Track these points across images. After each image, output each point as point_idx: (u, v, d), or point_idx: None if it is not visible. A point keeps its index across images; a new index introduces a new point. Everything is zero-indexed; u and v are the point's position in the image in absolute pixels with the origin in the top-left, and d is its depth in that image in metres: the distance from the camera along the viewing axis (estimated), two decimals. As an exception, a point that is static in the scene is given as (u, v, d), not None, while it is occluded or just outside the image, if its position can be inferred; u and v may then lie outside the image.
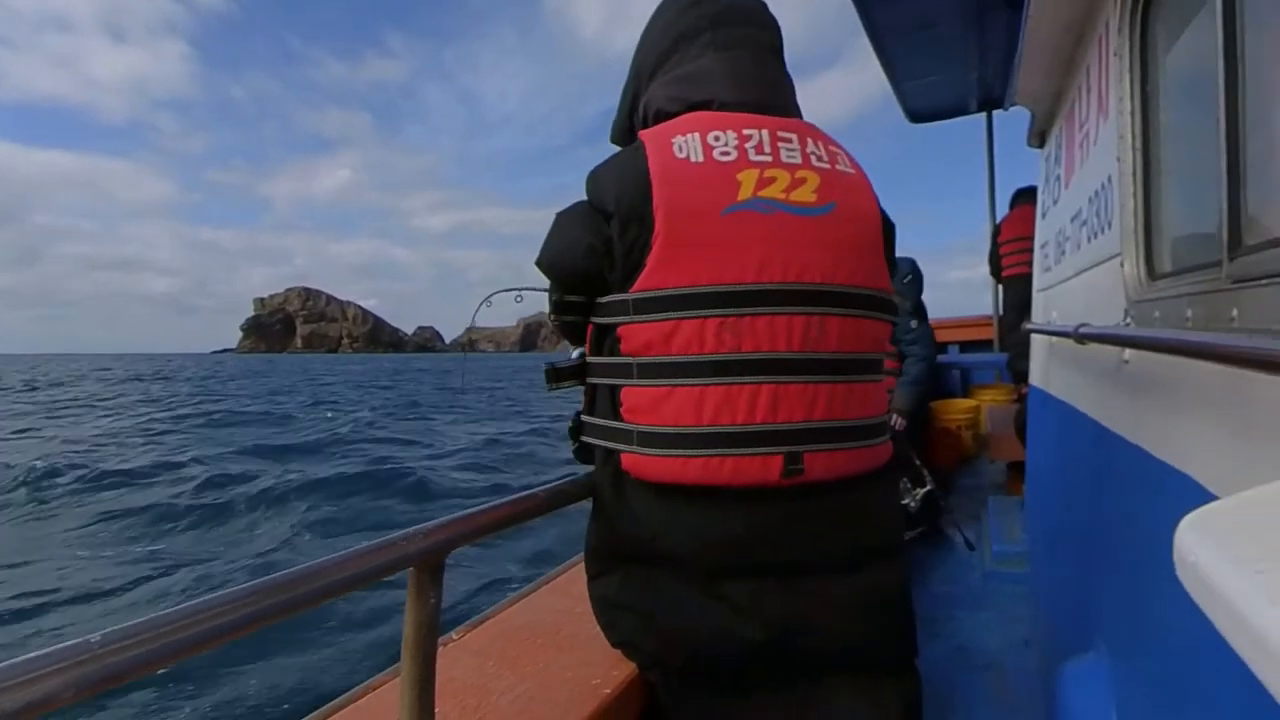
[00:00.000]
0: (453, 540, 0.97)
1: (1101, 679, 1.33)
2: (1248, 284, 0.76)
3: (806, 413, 1.10)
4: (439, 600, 0.95)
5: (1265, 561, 0.43)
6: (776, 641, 1.10)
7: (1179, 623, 0.87)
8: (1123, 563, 1.25)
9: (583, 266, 1.15)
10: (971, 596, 3.23)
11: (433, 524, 0.97)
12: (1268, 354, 0.55)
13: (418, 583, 0.93)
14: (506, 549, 7.08)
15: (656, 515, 1.12)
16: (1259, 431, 0.72)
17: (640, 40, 1.33)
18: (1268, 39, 0.80)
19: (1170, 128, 1.26)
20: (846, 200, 1.17)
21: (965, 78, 5.37)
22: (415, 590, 0.93)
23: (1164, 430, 1.05)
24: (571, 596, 1.58)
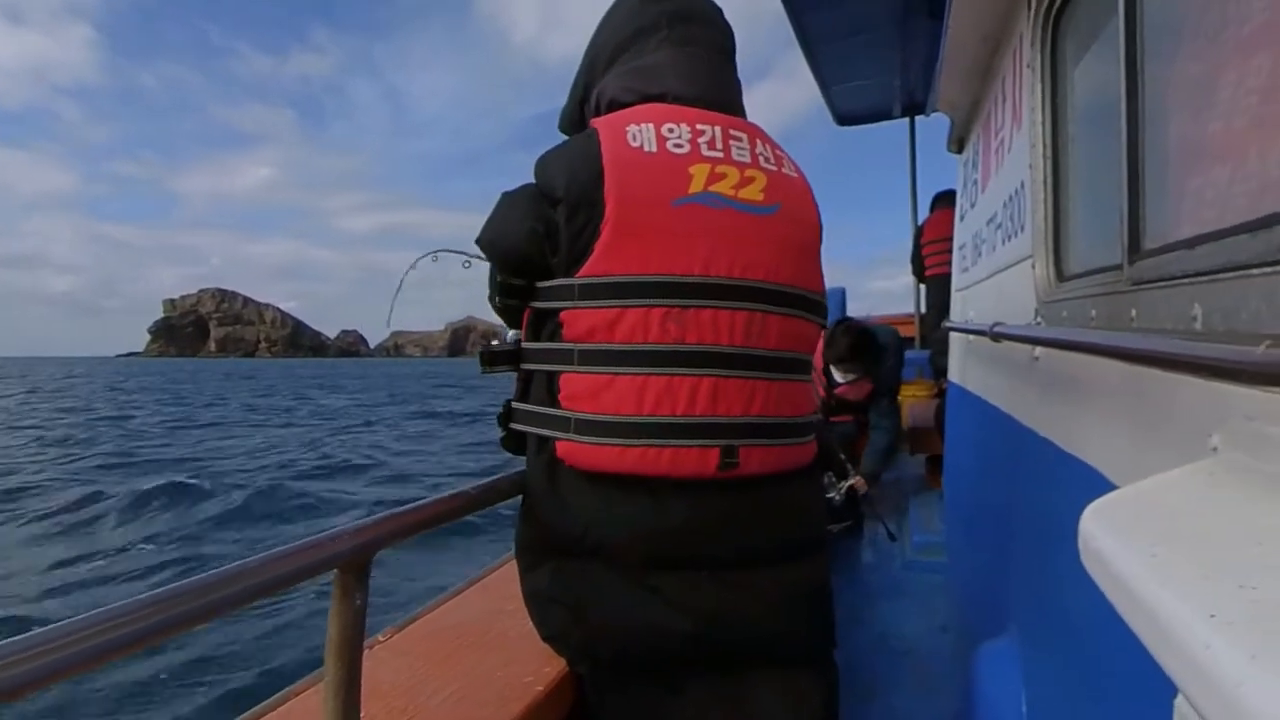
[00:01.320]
0: (379, 540, 0.95)
1: (1013, 661, 1.39)
2: (1145, 286, 0.81)
3: (744, 407, 1.12)
4: (365, 602, 0.93)
5: (1158, 546, 0.46)
6: (706, 633, 1.12)
7: (1083, 605, 0.92)
8: (1033, 550, 1.32)
9: (523, 249, 1.14)
10: (893, 586, 3.34)
11: (358, 524, 0.94)
12: (1162, 352, 0.58)
13: (343, 584, 0.91)
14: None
15: (590, 505, 1.12)
16: (1154, 425, 0.77)
17: (596, 32, 1.33)
18: (1166, 57, 0.85)
19: (1078, 138, 1.33)
20: (790, 203, 1.20)
21: (890, 83, 5.54)
22: (340, 592, 0.91)
23: (1070, 424, 1.11)
24: (503, 595, 1.56)
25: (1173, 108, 0.82)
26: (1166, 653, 0.39)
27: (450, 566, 6.51)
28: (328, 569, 0.88)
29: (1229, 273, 0.60)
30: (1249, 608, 0.36)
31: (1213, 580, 0.40)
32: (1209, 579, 0.40)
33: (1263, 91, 0.61)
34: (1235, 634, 0.35)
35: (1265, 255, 0.54)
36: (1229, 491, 0.52)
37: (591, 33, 1.35)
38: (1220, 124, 0.68)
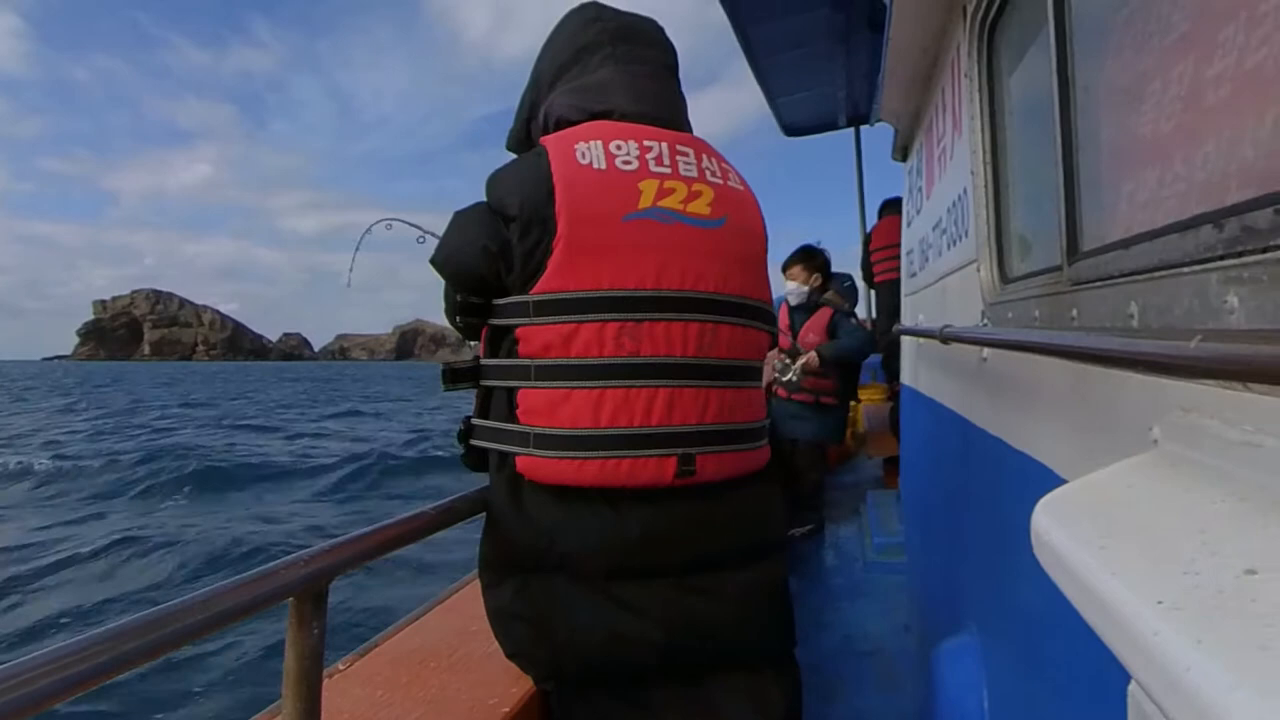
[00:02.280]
0: (335, 566, 0.93)
1: (973, 656, 1.42)
2: (1084, 286, 0.83)
3: (699, 416, 1.14)
4: (323, 630, 0.91)
5: (1107, 538, 0.48)
6: (672, 640, 1.13)
7: (1038, 598, 0.94)
8: (988, 547, 1.34)
9: (478, 267, 1.15)
10: (855, 587, 3.38)
11: (313, 550, 0.92)
12: (1102, 350, 0.60)
13: (299, 613, 0.89)
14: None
15: (553, 519, 1.12)
16: (1097, 419, 0.79)
17: (541, 51, 1.35)
18: (1095, 65, 0.88)
19: (1016, 144, 1.37)
20: (737, 215, 1.23)
21: (834, 94, 5.66)
22: (296, 621, 0.89)
23: (1019, 422, 1.14)
24: (466, 615, 1.54)
25: (1103, 113, 0.86)
26: (1118, 641, 0.40)
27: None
28: (282, 599, 0.86)
29: (1162, 271, 0.62)
30: (1193, 593, 0.37)
31: (1159, 569, 0.41)
32: (1155, 568, 0.41)
33: (1186, 97, 0.64)
34: (1182, 620, 0.36)
35: (1194, 254, 0.56)
36: (1170, 482, 0.53)
37: (540, 46, 1.36)
38: (1149, 129, 0.71)
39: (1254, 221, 0.48)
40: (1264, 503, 0.42)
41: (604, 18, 1.30)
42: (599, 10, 1.32)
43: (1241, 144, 0.54)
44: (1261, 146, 0.52)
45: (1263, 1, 0.51)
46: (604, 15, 1.30)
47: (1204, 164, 0.60)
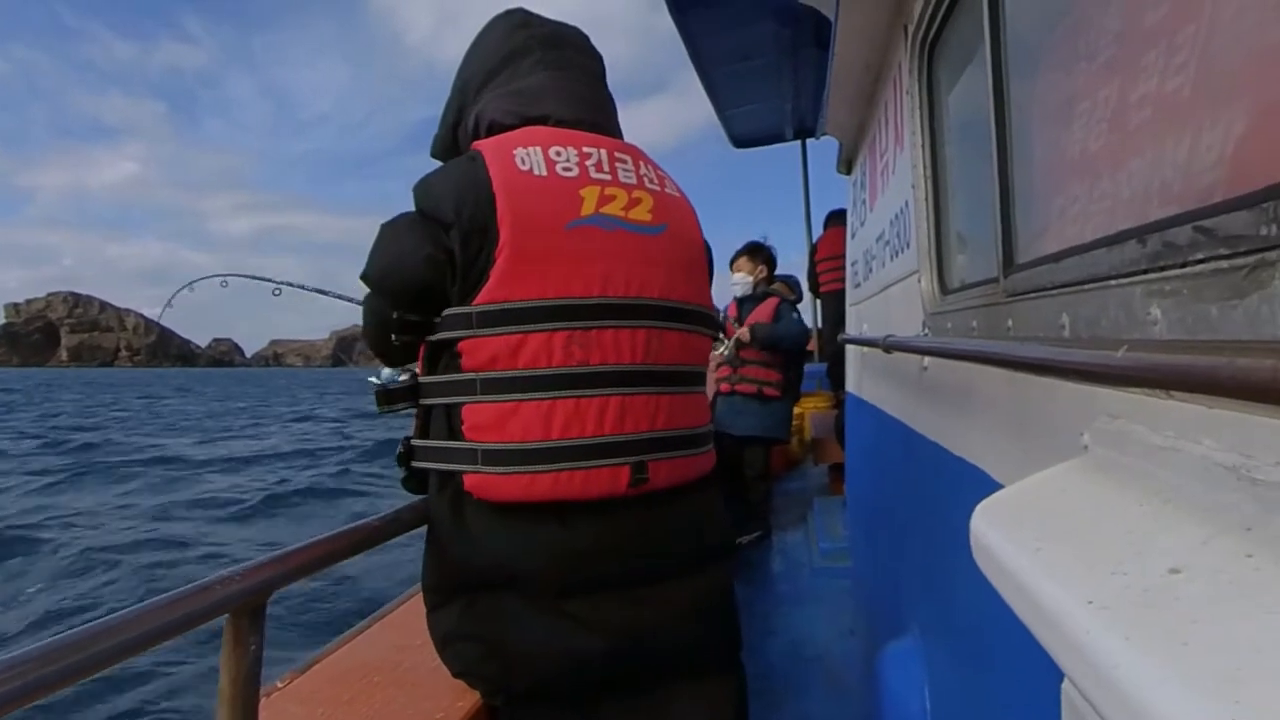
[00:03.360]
0: (274, 580, 0.90)
1: (916, 658, 1.45)
2: (1019, 298, 0.87)
3: (650, 423, 1.14)
4: (261, 647, 0.88)
5: (1041, 540, 0.49)
6: (624, 651, 1.12)
7: (977, 600, 0.97)
8: (929, 551, 1.38)
9: (423, 278, 1.11)
10: (802, 593, 3.43)
11: (251, 564, 0.89)
12: (1035, 359, 0.63)
13: (235, 629, 0.86)
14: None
15: (500, 537, 1.10)
16: (1032, 426, 0.82)
17: (466, 57, 1.32)
18: (1029, 85, 0.92)
19: (955, 159, 1.42)
20: (676, 222, 1.23)
21: (782, 108, 5.76)
22: (232, 638, 0.86)
23: (958, 429, 1.18)
24: (409, 630, 1.51)
25: (1037, 131, 0.89)
26: (1052, 640, 0.41)
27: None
28: (218, 614, 0.83)
29: (1091, 284, 0.65)
30: (1122, 593, 0.39)
31: (1090, 570, 0.43)
32: (1087, 569, 0.43)
33: (1112, 119, 0.67)
34: (1111, 618, 0.37)
35: (1121, 267, 0.58)
36: (1100, 486, 0.56)
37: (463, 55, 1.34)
38: (1078, 147, 0.75)
39: (1174, 238, 0.50)
40: (1185, 505, 0.45)
41: (532, 24, 1.29)
42: (526, 16, 1.30)
43: (1163, 164, 0.57)
44: (1180, 167, 0.54)
45: (1180, 31, 0.54)
46: (532, 21, 1.29)
47: (1129, 182, 0.63)
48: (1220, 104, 0.50)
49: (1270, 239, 0.40)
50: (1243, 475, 0.40)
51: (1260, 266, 0.41)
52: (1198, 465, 0.45)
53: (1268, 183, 0.42)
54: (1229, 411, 0.31)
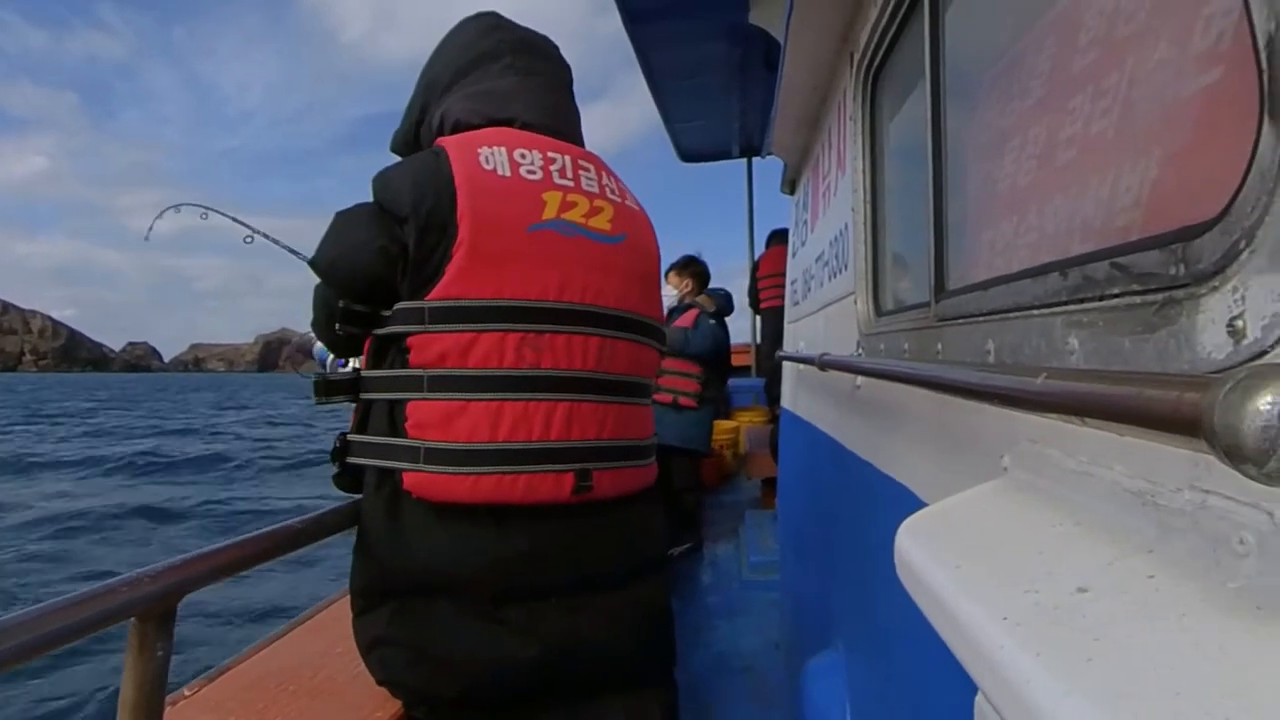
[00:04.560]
0: (184, 584, 0.86)
1: (838, 671, 1.48)
2: (949, 323, 0.90)
3: (597, 431, 1.14)
4: (168, 653, 0.84)
5: (961, 558, 0.51)
6: (556, 662, 1.11)
7: (899, 616, 1.00)
8: (855, 566, 1.41)
9: (374, 269, 1.09)
10: (731, 605, 3.46)
11: (160, 565, 0.85)
12: (961, 382, 0.65)
13: (141, 634, 0.82)
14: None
15: (435, 540, 1.08)
16: (956, 447, 0.85)
17: (433, 55, 1.31)
18: (965, 119, 0.96)
19: (893, 185, 1.47)
20: (635, 233, 1.24)
21: (730, 125, 5.85)
22: (137, 643, 0.82)
23: (887, 447, 1.21)
24: (331, 636, 1.46)
25: (970, 163, 0.93)
26: (967, 654, 0.42)
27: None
28: (123, 618, 0.79)
29: (1015, 312, 0.68)
30: (1034, 610, 0.41)
31: (1005, 587, 0.44)
32: (1002, 586, 0.45)
33: (1041, 156, 0.70)
34: (1023, 634, 0.39)
35: (1043, 298, 0.61)
36: (1017, 506, 0.58)
37: (426, 50, 1.33)
38: (1008, 181, 0.78)
39: (1093, 272, 0.53)
40: (1095, 527, 0.47)
41: (504, 27, 1.29)
42: (498, 20, 1.31)
43: (1085, 202, 0.60)
44: (1101, 205, 0.57)
45: (1105, 78, 0.57)
46: (504, 25, 1.29)
47: (1054, 217, 0.66)
48: (1138, 149, 0.53)
49: (1178, 278, 0.42)
50: (1147, 500, 0.42)
51: (1168, 304, 0.43)
52: (1107, 489, 0.47)
53: (1177, 225, 0.44)
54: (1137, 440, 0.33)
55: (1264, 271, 0.36)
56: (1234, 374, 0.25)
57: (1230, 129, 0.40)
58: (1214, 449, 0.26)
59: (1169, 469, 0.41)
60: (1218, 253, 0.39)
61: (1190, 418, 0.27)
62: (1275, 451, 0.24)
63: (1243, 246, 0.37)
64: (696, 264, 4.51)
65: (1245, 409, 0.24)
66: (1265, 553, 0.33)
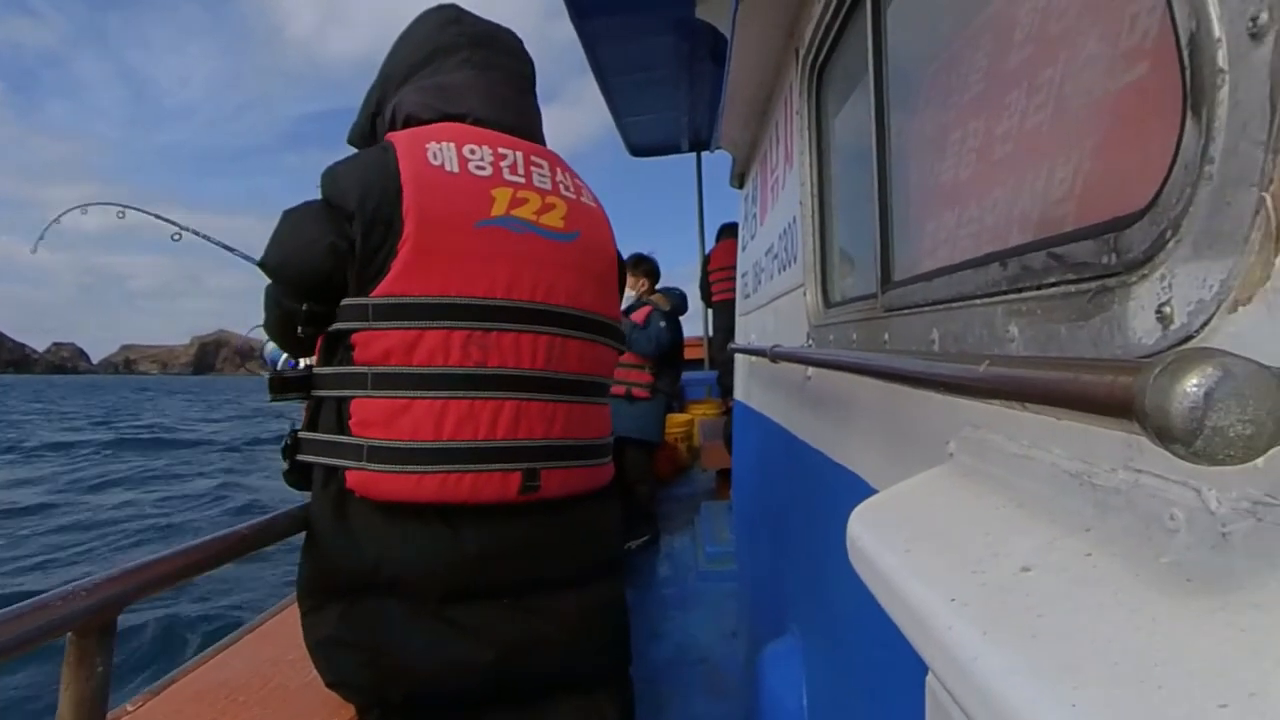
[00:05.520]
0: (125, 595, 0.83)
1: (795, 658, 1.50)
2: (895, 313, 0.92)
3: (545, 430, 1.13)
4: (108, 668, 0.81)
5: (910, 542, 0.52)
6: (507, 663, 1.10)
7: (852, 600, 1.02)
8: (809, 554, 1.43)
9: (324, 267, 1.07)
10: (688, 597, 3.48)
11: (99, 577, 0.82)
12: (908, 371, 0.67)
13: (79, 650, 0.79)
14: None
15: (384, 539, 1.06)
16: (904, 434, 0.87)
17: (393, 49, 1.29)
18: (907, 114, 0.98)
19: (840, 179, 1.49)
20: (589, 231, 1.23)
21: (678, 120, 5.87)
22: (75, 659, 0.79)
23: (838, 436, 1.23)
24: (282, 643, 1.43)
25: (913, 157, 0.95)
26: (918, 635, 0.44)
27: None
28: (58, 634, 0.76)
29: (958, 302, 0.69)
30: (980, 590, 0.42)
31: (952, 569, 0.46)
32: (949, 568, 0.46)
33: (980, 150, 0.72)
34: (970, 614, 0.40)
35: (984, 288, 0.63)
36: (963, 490, 0.60)
37: (379, 46, 1.31)
38: (950, 174, 0.80)
39: (1031, 262, 0.55)
40: (1036, 508, 0.49)
41: (464, 21, 1.27)
42: (459, 13, 1.29)
43: (1022, 194, 0.62)
44: (1038, 198, 0.59)
45: (1039, 74, 0.59)
46: (464, 19, 1.27)
47: (993, 209, 0.68)
48: (1072, 143, 0.55)
49: (1111, 267, 0.44)
50: (1084, 481, 0.44)
51: (1102, 292, 0.45)
52: (1047, 471, 0.49)
53: (1109, 216, 0.46)
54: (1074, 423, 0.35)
55: (1189, 260, 0.38)
56: (1163, 358, 0.27)
57: (1156, 123, 0.42)
58: (1145, 430, 0.27)
59: (1104, 450, 0.43)
60: (1146, 242, 0.41)
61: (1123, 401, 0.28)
62: (1202, 431, 0.25)
63: (1169, 236, 0.39)
64: (648, 261, 4.61)
65: (1173, 391, 0.26)
66: (1193, 528, 0.35)
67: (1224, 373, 0.25)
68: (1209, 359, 0.25)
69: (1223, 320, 0.35)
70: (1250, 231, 0.33)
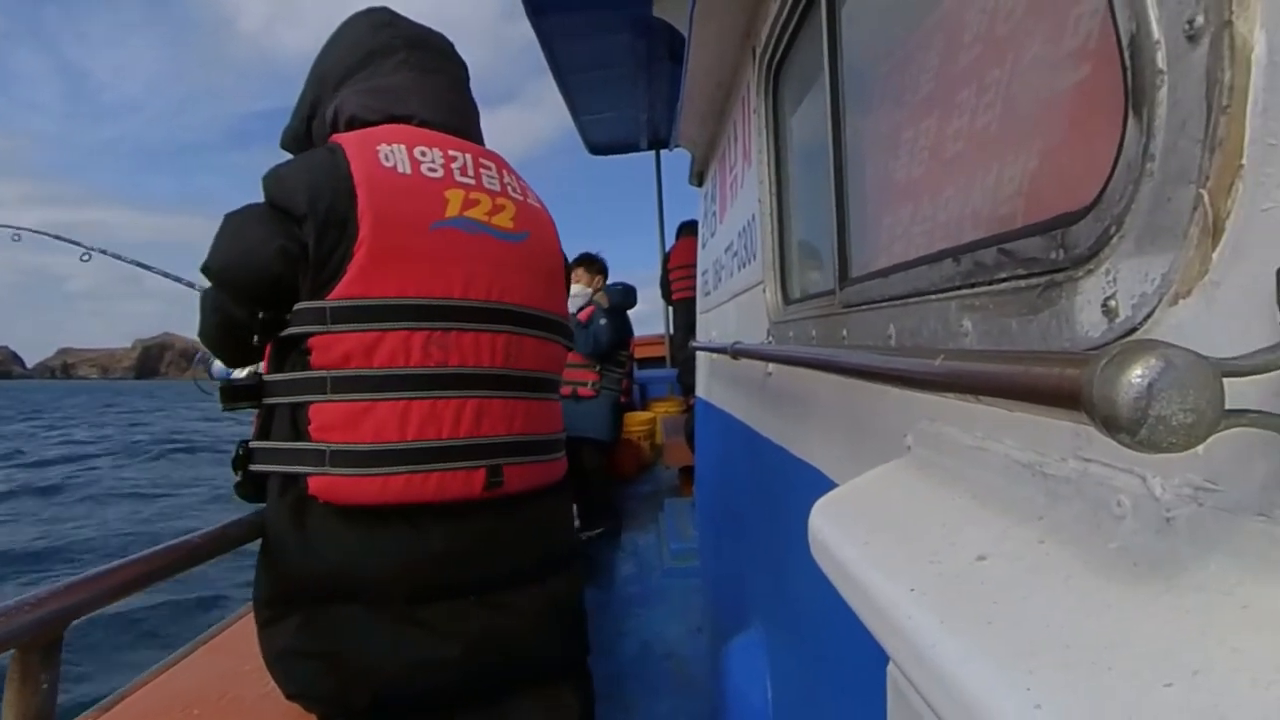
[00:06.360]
0: (72, 609, 0.80)
1: (759, 652, 1.52)
2: (853, 309, 0.93)
3: (507, 427, 1.14)
4: (55, 684, 0.78)
5: (870, 534, 0.53)
6: (474, 661, 1.10)
7: (814, 593, 1.03)
8: (771, 548, 1.45)
9: (274, 271, 1.04)
10: (652, 594, 3.50)
11: (44, 591, 0.79)
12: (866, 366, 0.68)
13: (22, 666, 0.76)
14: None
15: (345, 544, 1.05)
16: (863, 428, 0.89)
17: (324, 50, 1.27)
18: (862, 112, 1.00)
19: (797, 177, 1.51)
20: (537, 231, 1.25)
21: (637, 118, 5.87)
22: (19, 676, 0.76)
23: (799, 431, 1.25)
24: (238, 654, 1.39)
25: (868, 155, 0.97)
26: (879, 625, 0.44)
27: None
28: (2, 650, 0.73)
29: (914, 298, 0.71)
30: (937, 579, 0.43)
31: (911, 559, 0.46)
32: (908, 558, 0.47)
33: (932, 148, 0.73)
34: (929, 603, 0.41)
35: (939, 284, 0.64)
36: (920, 482, 0.61)
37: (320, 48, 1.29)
38: (904, 173, 0.81)
39: (983, 258, 0.56)
40: (990, 498, 0.50)
41: (397, 24, 1.26)
42: (391, 16, 1.28)
43: (973, 191, 0.64)
44: (988, 195, 0.61)
45: (988, 73, 0.61)
46: (397, 22, 1.27)
47: (946, 206, 0.70)
48: (1020, 141, 0.56)
49: (1058, 262, 0.45)
50: (1036, 470, 0.45)
51: (1050, 287, 0.46)
52: (1001, 462, 0.50)
53: (1057, 213, 0.47)
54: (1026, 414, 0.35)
55: (1132, 255, 0.39)
56: (1109, 350, 0.27)
57: (1101, 122, 0.44)
58: (1093, 420, 0.28)
59: (1055, 440, 0.44)
60: (1092, 238, 0.42)
61: (1071, 392, 0.29)
62: (1146, 420, 0.26)
63: (1113, 232, 0.40)
64: (599, 260, 4.73)
65: (1119, 382, 0.26)
66: (1139, 514, 0.36)
67: (1166, 364, 0.26)
68: (1152, 350, 0.26)
69: (1164, 313, 0.37)
70: (1189, 227, 0.34)
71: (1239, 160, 0.32)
